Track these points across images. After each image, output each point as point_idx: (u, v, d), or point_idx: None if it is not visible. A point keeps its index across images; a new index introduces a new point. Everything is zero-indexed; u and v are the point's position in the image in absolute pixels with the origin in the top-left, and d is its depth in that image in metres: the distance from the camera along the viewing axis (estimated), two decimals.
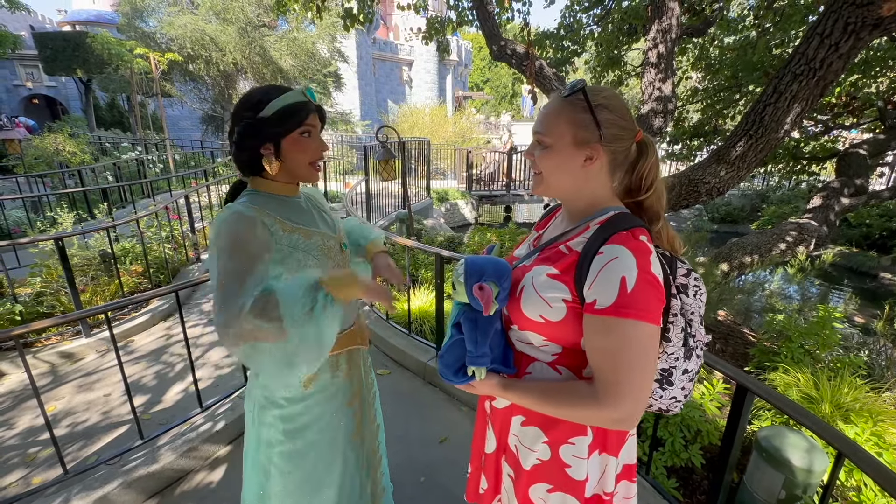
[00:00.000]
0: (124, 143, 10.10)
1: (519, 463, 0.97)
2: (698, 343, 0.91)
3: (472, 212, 12.40)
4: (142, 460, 2.03)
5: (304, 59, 15.06)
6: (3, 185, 7.31)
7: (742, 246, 4.64)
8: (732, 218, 12.39)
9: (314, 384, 1.16)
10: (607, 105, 0.84)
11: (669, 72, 4.45)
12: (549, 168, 0.89)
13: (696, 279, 0.92)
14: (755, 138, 3.04)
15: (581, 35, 6.85)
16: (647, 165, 0.89)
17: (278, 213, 1.05)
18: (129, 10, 13.96)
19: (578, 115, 0.84)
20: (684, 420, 2.08)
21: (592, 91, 0.85)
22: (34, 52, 17.03)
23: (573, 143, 0.85)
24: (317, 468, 1.18)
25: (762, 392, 1.31)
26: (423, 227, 6.30)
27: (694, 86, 7.69)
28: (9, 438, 2.36)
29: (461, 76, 40.89)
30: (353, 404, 1.25)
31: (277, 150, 1.02)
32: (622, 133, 0.86)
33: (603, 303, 0.76)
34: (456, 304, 0.97)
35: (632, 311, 0.75)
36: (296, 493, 1.18)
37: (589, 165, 0.86)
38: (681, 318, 0.88)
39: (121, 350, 3.28)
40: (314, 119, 1.04)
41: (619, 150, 0.87)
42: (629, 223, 0.83)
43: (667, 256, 0.91)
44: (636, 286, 0.75)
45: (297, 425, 1.15)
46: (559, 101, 0.87)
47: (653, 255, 0.80)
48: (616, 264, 0.77)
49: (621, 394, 0.76)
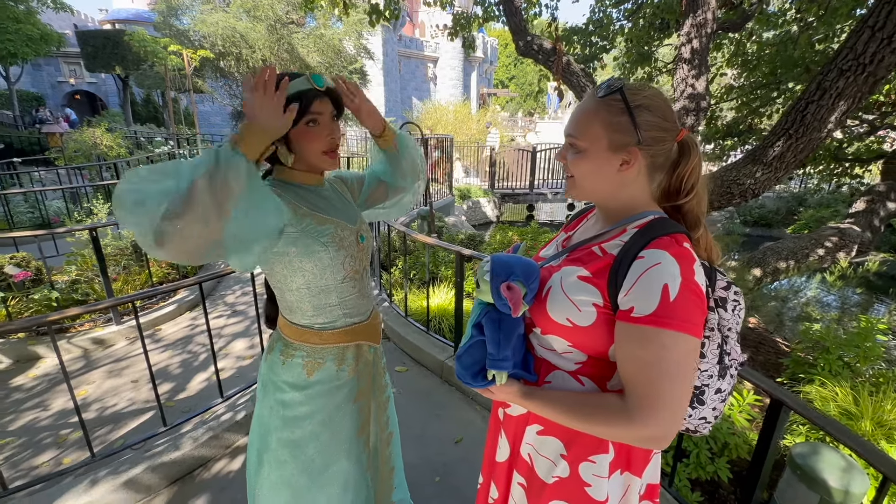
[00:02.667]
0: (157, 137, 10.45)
1: (534, 472, 0.92)
2: (733, 362, 0.85)
3: (494, 210, 12.30)
4: (165, 447, 2.09)
5: (330, 56, 15.24)
6: (45, 177, 7.69)
7: (777, 251, 4.43)
8: (766, 221, 11.88)
9: (318, 373, 1.13)
10: (648, 105, 0.78)
11: (703, 68, 4.27)
12: (582, 173, 0.84)
13: (737, 293, 0.85)
14: (795, 138, 2.88)
15: (610, 31, 6.67)
16: (688, 167, 0.82)
17: (293, 197, 1.03)
18: (165, 8, 14.43)
19: (615, 117, 0.78)
20: (711, 432, 1.99)
21: (632, 90, 0.79)
22: (77, 50, 17.83)
23: (609, 148, 0.79)
24: (315, 462, 1.15)
25: (798, 407, 1.23)
26: (444, 225, 6.28)
27: (729, 83, 7.39)
28: (43, 420, 2.47)
29: (486, 73, 40.62)
30: (359, 401, 1.22)
31: (288, 142, 1.01)
32: (663, 135, 0.79)
33: (642, 310, 0.71)
34: (478, 304, 0.93)
35: (674, 322, 0.70)
36: (292, 485, 1.15)
37: (626, 170, 0.80)
38: (717, 334, 0.81)
39: (148, 338, 3.41)
40: (320, 105, 1.00)
41: (659, 153, 0.81)
42: (671, 228, 0.77)
43: (706, 267, 0.84)
44: (679, 295, 0.70)
45: (297, 414, 1.13)
46: (594, 101, 0.81)
47: (697, 264, 0.74)
48: (658, 270, 0.71)
49: (656, 409, 0.71)
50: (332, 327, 1.12)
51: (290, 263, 1.03)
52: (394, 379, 2.93)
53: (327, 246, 1.04)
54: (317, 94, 0.98)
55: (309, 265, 1.04)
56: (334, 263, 1.07)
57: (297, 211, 1.02)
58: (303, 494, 1.15)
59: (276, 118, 0.84)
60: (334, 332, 1.12)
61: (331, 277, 1.07)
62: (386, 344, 3.41)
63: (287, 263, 1.03)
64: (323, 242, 1.04)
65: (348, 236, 1.11)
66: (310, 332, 1.11)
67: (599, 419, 0.77)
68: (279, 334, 1.16)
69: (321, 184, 1.14)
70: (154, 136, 10.80)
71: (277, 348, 1.14)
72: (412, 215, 6.58)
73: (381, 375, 1.35)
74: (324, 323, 1.11)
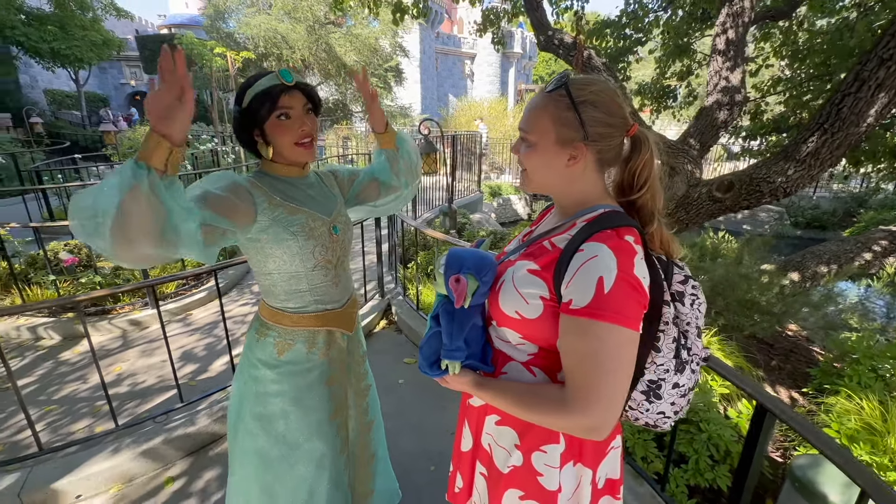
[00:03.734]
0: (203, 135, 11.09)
1: (493, 462, 0.95)
2: (693, 357, 0.84)
3: (525, 207, 12.16)
4: (181, 421, 2.25)
5: (366, 55, 15.56)
6: (103, 172, 8.36)
7: (818, 254, 4.15)
8: (820, 223, 11.04)
9: (288, 354, 1.19)
10: (594, 101, 0.79)
11: (739, 60, 4.05)
12: (533, 166, 0.86)
13: (695, 287, 0.85)
14: (830, 133, 2.70)
15: (645, 22, 6.42)
16: (640, 162, 0.82)
17: (269, 188, 1.10)
18: (213, 12, 15.24)
19: (562, 112, 0.79)
20: (712, 438, 1.92)
21: (577, 85, 0.79)
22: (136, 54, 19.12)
23: (556, 142, 0.81)
24: (286, 438, 1.21)
25: (783, 414, 1.17)
26: (469, 222, 6.29)
27: (777, 75, 6.92)
28: (82, 391, 2.71)
29: (525, 69, 40.04)
30: (332, 385, 1.26)
31: (264, 135, 1.08)
32: (609, 131, 0.80)
33: (578, 303, 0.72)
34: (438, 296, 0.96)
35: (608, 314, 0.70)
36: (261, 456, 1.21)
37: (573, 165, 0.81)
38: (673, 328, 0.81)
39: (179, 322, 3.65)
40: (290, 100, 1.04)
41: (607, 149, 0.81)
42: (617, 222, 0.77)
43: (662, 261, 0.85)
44: (614, 287, 0.71)
45: (268, 390, 1.19)
46: (543, 96, 0.83)
47: (637, 257, 0.74)
48: (595, 263, 0.72)
49: (591, 400, 0.72)
50: (304, 311, 1.18)
51: (261, 249, 1.10)
52: (401, 370, 3.00)
53: (296, 235, 1.10)
54: (284, 88, 1.04)
55: (279, 252, 1.10)
56: (303, 252, 1.12)
57: (271, 201, 1.08)
58: (273, 466, 1.22)
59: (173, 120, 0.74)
60: (304, 315, 1.18)
61: (300, 265, 1.13)
62: (398, 336, 3.49)
63: (259, 249, 1.10)
64: (292, 231, 1.09)
65: (320, 227, 1.16)
66: (282, 314, 1.17)
67: (541, 409, 0.78)
68: (258, 314, 1.24)
69: (302, 176, 1.19)
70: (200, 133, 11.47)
71: (255, 326, 1.22)
72: (435, 211, 6.63)
73: (360, 364, 1.38)
74: (295, 307, 1.17)
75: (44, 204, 6.13)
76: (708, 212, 3.66)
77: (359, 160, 10.65)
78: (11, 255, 3.56)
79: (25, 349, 3.20)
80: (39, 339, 3.32)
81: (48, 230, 4.96)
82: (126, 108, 25.01)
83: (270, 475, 1.22)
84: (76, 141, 14.94)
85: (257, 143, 1.10)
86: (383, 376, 2.89)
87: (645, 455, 1.99)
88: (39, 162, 8.33)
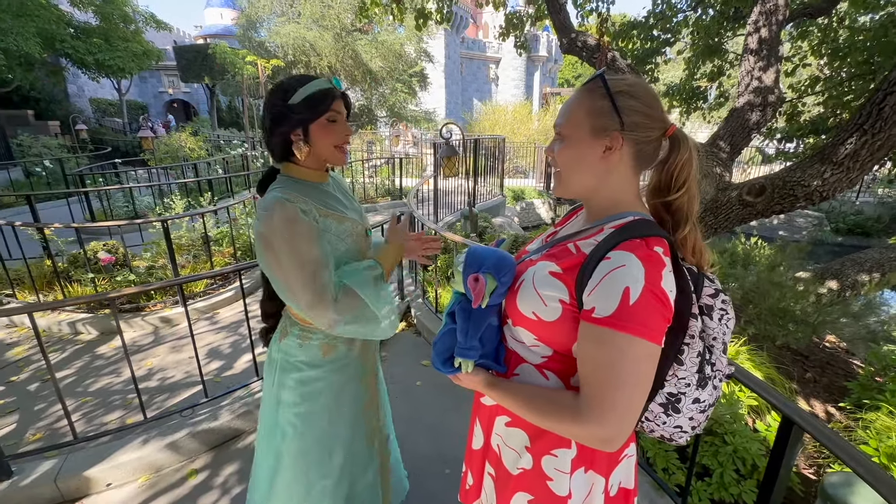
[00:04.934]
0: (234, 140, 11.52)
1: (501, 463, 0.94)
2: (717, 373, 0.81)
3: (548, 212, 12.01)
4: (205, 416, 2.33)
5: (392, 61, 15.78)
6: (141, 176, 8.79)
7: (859, 262, 3.93)
8: (863, 230, 10.45)
9: (332, 353, 1.25)
10: (630, 92, 0.78)
11: (773, 59, 3.90)
12: (566, 163, 0.84)
13: (724, 302, 0.82)
14: (871, 133, 2.56)
15: (673, 23, 6.27)
16: (679, 160, 0.80)
17: (312, 197, 1.12)
18: (245, 22, 15.82)
19: (597, 102, 0.79)
20: (738, 451, 1.84)
21: (614, 78, 0.79)
22: (174, 63, 20.04)
23: (591, 133, 0.79)
24: (328, 432, 1.27)
25: (810, 426, 1.12)
26: (490, 225, 6.27)
27: (815, 74, 6.63)
28: (116, 384, 2.84)
29: (550, 73, 39.71)
30: (365, 381, 1.34)
31: (306, 136, 1.09)
32: (647, 122, 0.78)
33: (601, 312, 0.71)
34: (455, 293, 0.96)
35: (630, 326, 0.69)
36: (309, 453, 1.28)
37: (608, 156, 0.79)
38: (699, 342, 0.78)
39: (206, 320, 3.78)
40: (339, 106, 1.10)
41: (644, 141, 0.79)
42: (647, 231, 0.75)
43: (693, 272, 0.81)
44: (640, 299, 0.69)
45: (313, 389, 1.25)
46: (579, 90, 0.83)
47: (665, 270, 0.72)
48: (622, 272, 0.70)
49: (605, 411, 0.70)
50: None
51: (340, 266, 1.14)
52: (419, 372, 3.01)
53: (346, 242, 1.15)
54: (337, 95, 1.09)
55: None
56: (348, 257, 1.17)
57: (320, 212, 1.11)
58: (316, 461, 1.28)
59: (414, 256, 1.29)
60: None
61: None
62: (416, 339, 3.50)
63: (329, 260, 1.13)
64: (343, 239, 1.14)
65: (360, 231, 1.21)
66: None
67: (552, 414, 0.77)
68: (293, 321, 1.26)
69: (325, 181, 1.22)
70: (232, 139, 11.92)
71: (294, 333, 1.24)
72: (456, 215, 6.64)
73: (376, 360, 1.44)
74: None
75: (86, 206, 6.48)
76: (738, 216, 3.52)
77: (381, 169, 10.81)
78: (55, 254, 3.77)
79: (66, 343, 3.38)
80: (78, 334, 3.51)
81: (89, 231, 5.25)
82: (164, 115, 26.21)
83: (313, 473, 1.28)
84: (117, 146, 15.78)
85: (292, 143, 1.10)
86: (401, 378, 2.91)
87: (666, 466, 1.93)
88: (83, 166, 8.83)
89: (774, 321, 3.09)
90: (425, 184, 7.26)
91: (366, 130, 16.27)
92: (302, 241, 1.03)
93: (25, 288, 3.85)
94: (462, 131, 5.46)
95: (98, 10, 14.42)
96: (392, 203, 8.97)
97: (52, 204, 8.12)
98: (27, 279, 3.75)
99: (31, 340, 3.40)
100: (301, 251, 1.02)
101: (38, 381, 2.88)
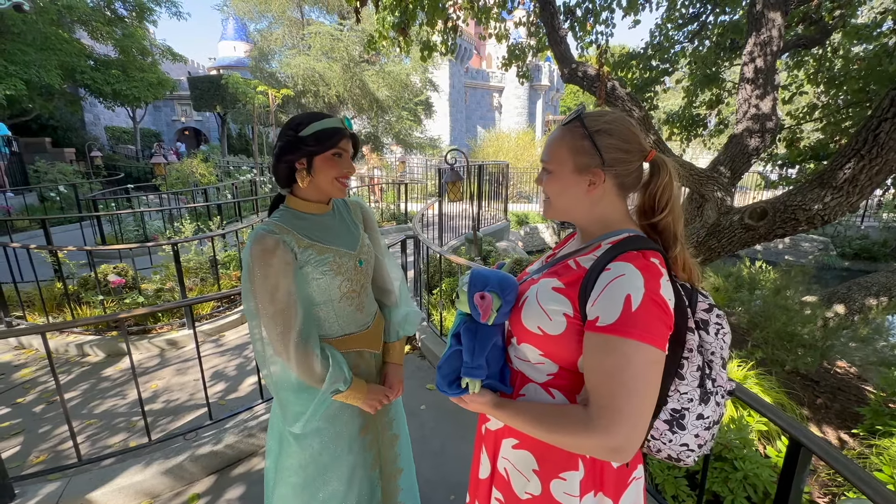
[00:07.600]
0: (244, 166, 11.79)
1: (510, 488, 0.93)
2: (718, 389, 0.83)
3: (552, 236, 12.09)
4: (208, 439, 2.31)
5: (398, 90, 16.25)
6: (152, 201, 8.99)
7: (865, 286, 3.91)
8: (870, 254, 10.39)
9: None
10: (608, 130, 0.83)
11: (769, 87, 4.00)
12: (554, 192, 0.90)
13: (719, 316, 0.85)
14: (868, 159, 2.60)
15: (671, 53, 6.47)
16: (659, 184, 0.85)
17: (298, 229, 1.17)
18: (258, 54, 16.44)
19: (578, 141, 0.84)
20: (748, 477, 1.80)
21: (591, 117, 0.85)
22: (188, 93, 20.73)
23: (574, 170, 0.85)
24: (322, 456, 1.25)
25: (818, 449, 1.11)
26: (494, 249, 6.31)
27: (812, 101, 6.77)
28: (120, 406, 2.84)
29: (552, 101, 40.63)
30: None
31: (310, 166, 1.15)
32: (626, 156, 0.84)
33: (605, 320, 0.73)
34: (459, 314, 0.98)
35: (635, 332, 0.71)
36: (302, 473, 1.26)
37: (592, 190, 0.85)
38: (697, 356, 0.81)
39: (212, 343, 3.80)
40: (347, 144, 1.17)
41: (625, 173, 0.85)
42: (642, 244, 0.80)
43: (686, 288, 0.85)
44: (641, 306, 0.72)
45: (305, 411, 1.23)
46: (560, 129, 0.89)
47: (663, 279, 0.76)
48: (622, 281, 0.74)
49: (616, 419, 0.71)
50: (332, 336, 1.25)
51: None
52: (423, 396, 2.99)
53: (325, 273, 1.17)
54: (346, 134, 1.16)
55: (308, 289, 1.17)
56: (331, 287, 1.19)
57: (300, 243, 1.16)
58: (309, 483, 1.26)
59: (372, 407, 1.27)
60: (333, 340, 1.24)
61: (326, 298, 1.20)
62: (420, 362, 3.49)
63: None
64: (322, 271, 1.17)
65: (347, 262, 1.22)
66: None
67: (563, 429, 0.77)
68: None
69: (325, 212, 1.26)
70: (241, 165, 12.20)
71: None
72: (461, 239, 6.70)
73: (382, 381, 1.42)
74: (323, 333, 1.23)
75: (97, 230, 6.61)
76: (741, 240, 3.54)
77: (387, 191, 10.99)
78: (66, 277, 3.84)
79: (72, 365, 3.40)
80: (85, 356, 3.53)
81: (100, 254, 5.34)
82: (173, 142, 26.91)
83: (307, 493, 1.26)
84: (129, 172, 16.16)
85: (296, 170, 1.16)
86: (405, 402, 2.87)
87: (676, 493, 1.89)
88: (96, 191, 9.04)
89: (782, 345, 3.06)
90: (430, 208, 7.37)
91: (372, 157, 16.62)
92: (273, 272, 1.09)
93: (35, 310, 3.90)
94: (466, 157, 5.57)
95: (118, 42, 15.08)
96: (397, 227, 9.07)
97: (64, 228, 8.28)
98: (38, 301, 3.80)
99: (38, 362, 3.42)
100: (273, 284, 1.09)
101: (43, 402, 2.89)
